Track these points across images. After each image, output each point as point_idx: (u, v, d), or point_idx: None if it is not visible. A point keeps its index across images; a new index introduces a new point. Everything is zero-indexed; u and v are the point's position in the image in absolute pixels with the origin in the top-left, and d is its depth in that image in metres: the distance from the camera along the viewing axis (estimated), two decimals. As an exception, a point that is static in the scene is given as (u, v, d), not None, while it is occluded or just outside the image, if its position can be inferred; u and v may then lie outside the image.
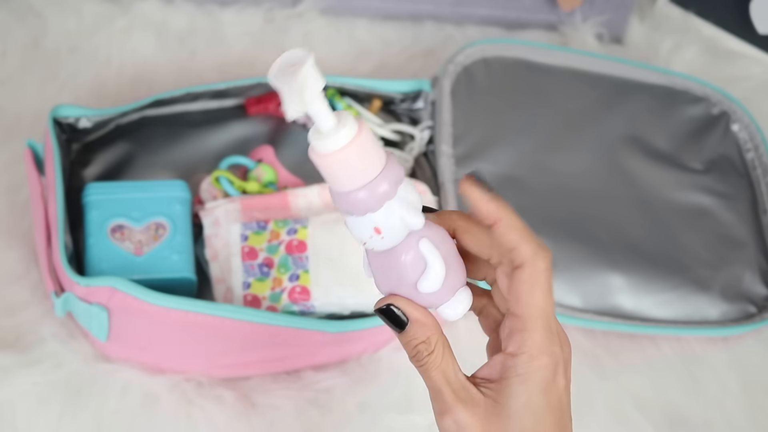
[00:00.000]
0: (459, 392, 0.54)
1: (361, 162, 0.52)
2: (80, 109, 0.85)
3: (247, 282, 0.79)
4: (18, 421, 0.77)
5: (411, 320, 0.54)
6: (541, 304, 0.52)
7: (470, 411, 0.53)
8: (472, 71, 0.96)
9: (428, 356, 0.55)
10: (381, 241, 0.54)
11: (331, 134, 0.51)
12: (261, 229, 0.81)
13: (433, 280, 0.53)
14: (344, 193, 0.53)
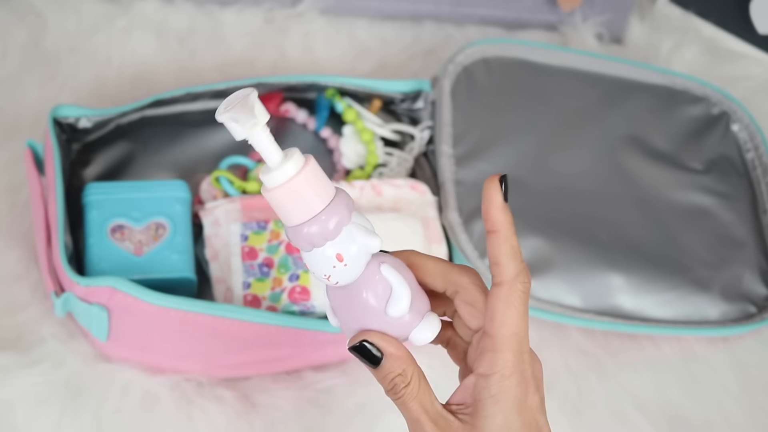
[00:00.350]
0: (437, 421, 0.54)
1: (312, 192, 0.52)
2: (80, 109, 0.85)
3: (247, 282, 0.79)
4: (18, 421, 0.77)
5: (386, 354, 0.54)
6: (515, 325, 0.53)
7: (450, 429, 0.54)
8: (472, 71, 0.96)
9: (404, 388, 0.55)
10: (344, 270, 0.54)
11: (278, 167, 0.52)
12: (261, 229, 0.81)
13: (401, 302, 0.54)
14: (299, 225, 0.53)
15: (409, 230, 0.81)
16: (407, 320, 0.55)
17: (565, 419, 0.83)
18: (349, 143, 0.92)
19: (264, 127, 0.52)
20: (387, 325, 0.55)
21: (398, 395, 0.55)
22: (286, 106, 0.94)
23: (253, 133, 0.52)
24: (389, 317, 0.55)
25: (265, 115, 0.52)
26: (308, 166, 0.52)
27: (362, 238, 0.54)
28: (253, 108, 0.53)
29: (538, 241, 0.87)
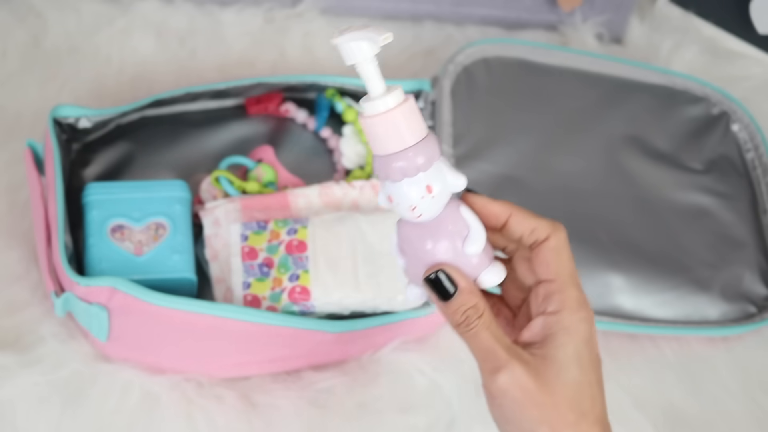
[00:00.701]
0: (510, 350, 0.57)
1: (408, 125, 0.56)
2: (80, 109, 0.85)
3: (247, 282, 0.79)
4: (18, 421, 0.77)
5: (459, 287, 0.58)
6: (571, 266, 0.58)
7: (524, 366, 0.56)
8: (472, 71, 0.96)
9: (478, 319, 0.58)
10: (431, 202, 0.57)
11: (381, 97, 0.56)
12: (261, 229, 0.81)
13: (478, 241, 0.58)
14: (393, 154, 0.56)
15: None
16: (478, 262, 0.58)
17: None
18: (349, 143, 0.93)
19: (374, 58, 0.57)
20: (460, 263, 0.58)
21: (471, 326, 0.58)
22: (286, 106, 0.94)
23: (371, 58, 0.57)
24: (464, 256, 0.58)
25: (377, 48, 0.57)
26: (408, 101, 0.57)
27: (451, 174, 0.58)
28: (374, 32, 0.57)
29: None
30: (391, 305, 0.80)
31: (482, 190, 0.86)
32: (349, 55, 0.58)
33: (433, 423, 0.81)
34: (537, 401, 0.56)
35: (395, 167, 0.56)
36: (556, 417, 0.56)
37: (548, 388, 0.56)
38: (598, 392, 0.58)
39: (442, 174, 0.57)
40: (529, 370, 0.57)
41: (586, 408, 0.57)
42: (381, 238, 0.80)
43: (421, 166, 0.56)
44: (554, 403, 0.56)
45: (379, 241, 0.80)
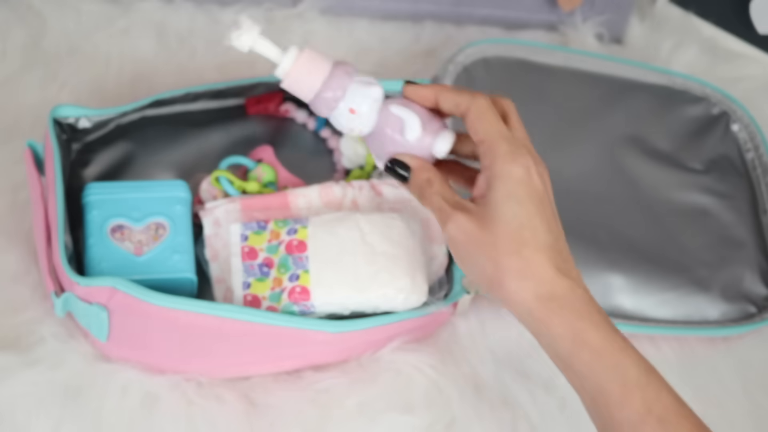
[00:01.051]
0: (456, 205, 0.68)
1: (310, 70, 0.68)
2: (80, 109, 0.85)
3: (247, 282, 0.79)
4: (18, 421, 0.76)
5: (412, 168, 0.69)
6: (495, 126, 0.68)
7: (466, 214, 0.67)
8: (471, 71, 0.96)
9: (430, 188, 0.69)
10: (361, 119, 0.69)
11: (281, 59, 0.69)
12: (261, 229, 0.81)
13: (413, 126, 0.69)
14: (315, 98, 0.69)
15: (409, 230, 0.81)
16: (425, 141, 0.69)
17: (565, 419, 0.83)
18: (349, 143, 0.92)
19: (260, 35, 0.70)
20: (411, 149, 0.69)
21: (425, 195, 0.69)
22: (286, 106, 0.94)
23: (257, 37, 0.70)
24: (409, 142, 0.69)
25: (256, 26, 0.70)
26: (303, 53, 0.69)
27: (364, 90, 0.69)
28: (245, 23, 0.71)
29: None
30: (391, 305, 0.80)
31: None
32: (242, 46, 0.71)
33: (433, 423, 0.81)
34: (478, 241, 0.66)
35: (319, 108, 0.69)
36: (496, 250, 0.66)
37: (487, 229, 0.66)
38: (540, 223, 0.66)
39: (360, 92, 0.69)
40: (471, 216, 0.67)
41: (526, 237, 0.66)
42: (381, 238, 0.80)
43: (336, 97, 0.68)
44: (494, 239, 0.66)
45: (380, 241, 0.80)
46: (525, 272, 0.66)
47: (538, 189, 0.67)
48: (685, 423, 0.64)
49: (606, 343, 0.66)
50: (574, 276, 0.68)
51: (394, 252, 0.80)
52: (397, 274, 0.79)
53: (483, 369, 0.85)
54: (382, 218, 0.81)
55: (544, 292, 0.66)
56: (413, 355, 0.83)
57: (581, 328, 0.66)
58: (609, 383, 0.65)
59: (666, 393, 0.65)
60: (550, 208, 0.69)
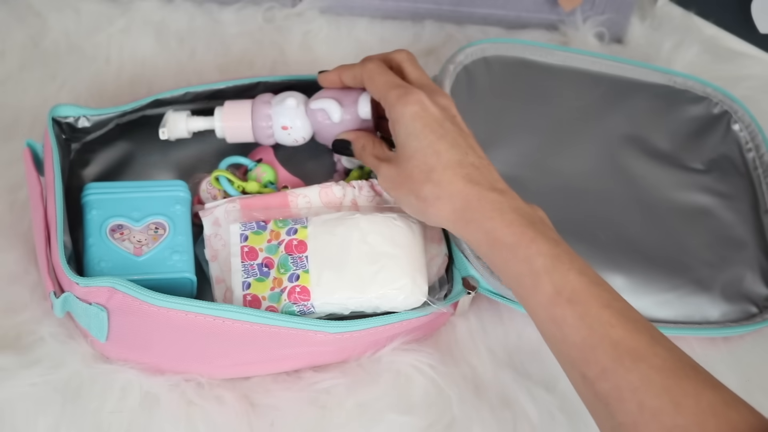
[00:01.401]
0: (383, 157, 0.78)
1: (237, 118, 0.84)
2: (79, 109, 0.85)
3: (247, 282, 0.79)
4: (17, 421, 0.76)
5: (351, 141, 0.82)
6: (383, 80, 0.77)
7: (387, 164, 0.77)
8: (472, 71, 0.96)
9: (365, 151, 0.80)
10: (296, 131, 0.85)
11: (213, 123, 0.85)
12: (261, 229, 0.81)
13: (333, 110, 0.82)
14: (255, 135, 0.85)
15: (408, 230, 0.81)
16: (351, 113, 0.83)
17: (565, 419, 0.82)
18: (349, 143, 0.93)
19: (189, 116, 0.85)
20: (346, 125, 0.83)
21: (363, 158, 0.81)
22: (286, 106, 0.94)
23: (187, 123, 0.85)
24: (339, 123, 0.83)
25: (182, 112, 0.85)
26: (224, 106, 0.85)
27: (282, 106, 0.84)
28: (171, 116, 0.85)
29: (538, 241, 0.87)
30: (391, 305, 0.79)
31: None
32: (180, 133, 0.85)
33: (433, 423, 0.81)
34: (399, 182, 0.76)
35: (263, 141, 0.85)
36: (414, 184, 0.74)
37: (402, 169, 0.75)
38: (443, 145, 0.74)
39: (281, 110, 0.84)
40: (391, 164, 0.77)
41: (431, 163, 0.73)
42: (381, 238, 0.80)
43: (268, 125, 0.84)
44: (408, 175, 0.74)
45: (380, 241, 0.79)
46: (438, 193, 0.73)
47: (435, 116, 0.75)
48: (593, 301, 0.67)
49: (516, 238, 0.71)
50: (487, 181, 0.74)
51: (394, 252, 0.79)
52: (397, 274, 0.79)
53: (483, 369, 0.85)
54: (383, 218, 0.81)
55: (458, 206, 0.73)
56: (413, 355, 0.83)
57: (492, 228, 0.72)
58: (522, 275, 0.70)
59: (574, 275, 0.69)
60: (453, 128, 0.75)
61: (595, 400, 0.67)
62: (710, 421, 0.62)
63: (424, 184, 0.74)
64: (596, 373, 0.66)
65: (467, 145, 0.75)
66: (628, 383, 0.65)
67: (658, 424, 0.63)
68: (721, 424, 0.62)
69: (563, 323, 0.68)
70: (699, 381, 0.64)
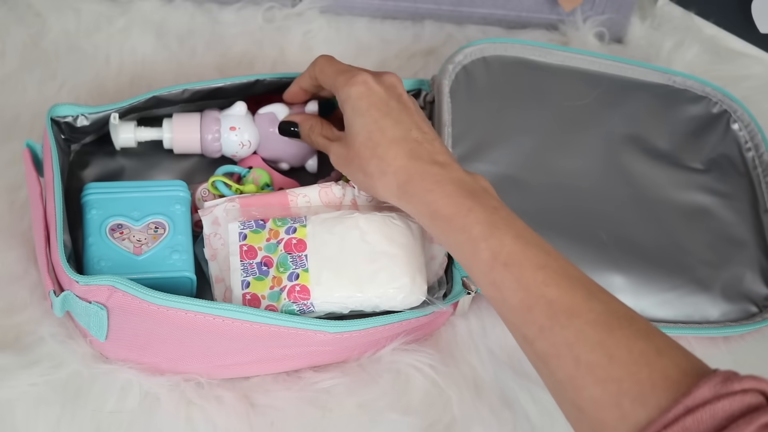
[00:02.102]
0: (334, 137, 0.81)
1: (188, 124, 0.87)
2: (77, 107, 0.85)
3: (247, 281, 0.79)
4: (17, 421, 0.76)
5: (298, 122, 0.85)
6: (331, 69, 0.81)
7: (337, 142, 0.80)
8: (471, 71, 0.96)
9: (313, 133, 0.84)
10: (242, 132, 0.87)
11: (162, 133, 0.87)
12: (260, 228, 0.81)
13: (281, 112, 0.88)
14: (203, 145, 0.87)
15: (407, 229, 0.81)
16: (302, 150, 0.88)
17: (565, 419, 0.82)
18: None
19: (136, 127, 0.86)
20: (290, 153, 0.89)
21: (312, 139, 0.84)
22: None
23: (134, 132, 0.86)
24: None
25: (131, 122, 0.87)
26: (173, 117, 0.87)
27: (230, 113, 0.87)
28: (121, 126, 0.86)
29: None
30: (390, 304, 0.79)
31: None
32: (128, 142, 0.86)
33: (433, 423, 0.81)
34: (349, 160, 0.78)
35: (210, 151, 0.87)
36: (361, 160, 0.77)
37: (350, 147, 0.78)
38: (387, 122, 0.76)
39: (229, 116, 0.87)
40: (341, 143, 0.79)
41: (376, 139, 0.76)
42: (381, 237, 0.80)
43: (215, 131, 0.86)
44: (356, 152, 0.77)
45: (379, 240, 0.79)
46: (384, 169, 0.75)
47: (380, 95, 0.78)
48: (527, 263, 0.69)
49: (454, 209, 0.73)
50: (428, 155, 0.75)
51: (393, 251, 0.79)
52: (396, 273, 0.79)
53: (483, 369, 0.85)
54: (382, 218, 0.81)
55: (402, 180, 0.75)
56: (413, 355, 0.83)
57: (432, 200, 0.74)
58: (461, 243, 0.72)
59: (509, 239, 0.70)
60: (397, 106, 0.78)
61: (537, 359, 0.69)
62: (643, 371, 0.63)
63: (370, 159, 0.76)
64: (534, 332, 0.68)
65: (411, 122, 0.77)
66: (564, 339, 0.66)
67: (593, 377, 0.64)
68: (654, 372, 0.63)
69: (502, 287, 0.70)
70: (632, 331, 0.65)
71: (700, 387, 0.60)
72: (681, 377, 0.63)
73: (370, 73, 0.79)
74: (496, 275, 0.70)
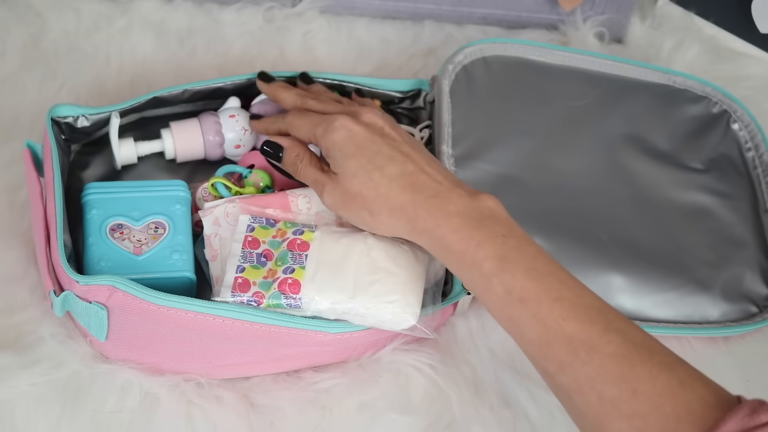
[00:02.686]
0: (325, 173, 0.78)
1: (188, 130, 0.87)
2: (78, 108, 0.85)
3: (242, 266, 0.78)
4: (17, 421, 0.76)
5: (284, 146, 0.81)
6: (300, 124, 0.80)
7: (332, 182, 0.77)
8: (471, 71, 0.96)
9: (301, 163, 0.80)
10: (242, 118, 0.88)
11: (163, 144, 0.87)
12: (269, 225, 0.81)
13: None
14: (206, 149, 0.88)
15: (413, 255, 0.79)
16: None
17: (565, 419, 0.82)
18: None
19: (135, 143, 0.87)
20: None
21: (299, 170, 0.80)
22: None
23: (135, 148, 0.87)
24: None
25: (129, 138, 0.87)
26: (171, 125, 0.87)
27: (226, 107, 0.89)
28: (122, 144, 0.86)
29: (537, 242, 0.87)
30: (378, 319, 0.78)
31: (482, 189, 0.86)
32: (131, 158, 0.87)
33: (433, 423, 0.81)
34: (346, 200, 0.76)
35: (213, 153, 0.88)
36: (362, 200, 0.75)
37: (344, 186, 0.76)
38: (381, 159, 0.75)
39: (227, 108, 0.88)
40: (335, 184, 0.77)
41: (376, 178, 0.75)
42: (385, 255, 0.78)
43: (215, 122, 0.87)
44: (354, 193, 0.75)
45: (383, 258, 0.78)
46: (390, 206, 0.74)
47: (363, 135, 0.76)
48: (543, 296, 0.68)
49: (463, 244, 0.72)
50: (429, 187, 0.74)
51: (394, 270, 0.78)
52: (391, 289, 0.77)
53: (483, 369, 0.85)
54: (390, 240, 0.80)
55: (411, 216, 0.74)
56: (413, 355, 0.83)
57: (441, 235, 0.73)
58: (474, 280, 0.71)
59: (522, 275, 0.69)
60: (383, 141, 0.77)
61: (559, 392, 0.69)
62: (667, 405, 0.63)
63: (374, 199, 0.75)
64: (555, 368, 0.68)
65: (402, 155, 0.76)
66: (586, 375, 0.66)
67: (618, 412, 0.64)
68: (678, 405, 0.63)
69: (519, 322, 0.69)
70: (654, 363, 0.65)
71: (726, 421, 0.60)
72: (706, 410, 0.62)
73: (347, 115, 0.78)
74: (512, 311, 0.69)
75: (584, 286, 0.70)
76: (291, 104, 0.84)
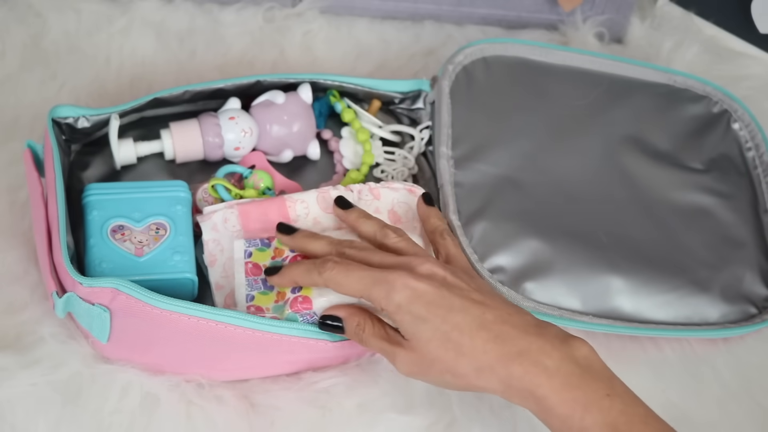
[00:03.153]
0: (392, 341, 0.72)
1: (188, 130, 0.87)
2: (79, 109, 0.85)
3: (251, 294, 0.78)
4: (17, 421, 0.76)
5: (343, 318, 0.74)
6: (347, 283, 0.72)
7: (404, 350, 0.71)
8: (471, 71, 0.96)
9: (364, 333, 0.74)
10: (241, 121, 0.88)
11: (162, 145, 0.87)
12: (265, 246, 0.80)
13: (278, 96, 0.89)
14: (205, 150, 0.88)
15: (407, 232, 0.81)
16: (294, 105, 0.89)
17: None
18: (348, 144, 0.92)
19: (134, 143, 0.86)
20: (289, 109, 0.89)
21: (363, 339, 0.74)
22: (286, 106, 0.94)
23: (135, 148, 0.87)
24: (283, 104, 0.89)
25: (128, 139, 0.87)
26: (171, 126, 0.87)
27: (226, 108, 0.89)
28: (122, 144, 0.86)
29: (537, 243, 0.87)
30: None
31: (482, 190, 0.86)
32: (130, 158, 0.86)
33: (433, 423, 0.81)
34: (423, 366, 0.71)
35: (213, 154, 0.88)
36: (443, 364, 0.70)
37: (420, 352, 0.70)
38: (456, 315, 0.69)
39: (227, 111, 0.88)
40: (408, 350, 0.71)
41: (455, 338, 0.69)
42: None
43: (215, 124, 0.87)
44: (432, 357, 0.70)
45: None
46: (478, 365, 0.69)
47: (429, 291, 0.70)
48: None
49: (568, 408, 0.68)
50: (517, 332, 0.69)
51: None
52: None
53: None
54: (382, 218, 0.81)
55: (503, 374, 0.69)
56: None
57: (542, 396, 0.68)
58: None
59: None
60: (451, 294, 0.71)
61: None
62: None
63: (458, 361, 0.69)
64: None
65: (476, 304, 0.71)
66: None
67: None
68: None
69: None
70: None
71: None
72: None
73: (405, 270, 0.71)
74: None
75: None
76: (324, 254, 0.76)
